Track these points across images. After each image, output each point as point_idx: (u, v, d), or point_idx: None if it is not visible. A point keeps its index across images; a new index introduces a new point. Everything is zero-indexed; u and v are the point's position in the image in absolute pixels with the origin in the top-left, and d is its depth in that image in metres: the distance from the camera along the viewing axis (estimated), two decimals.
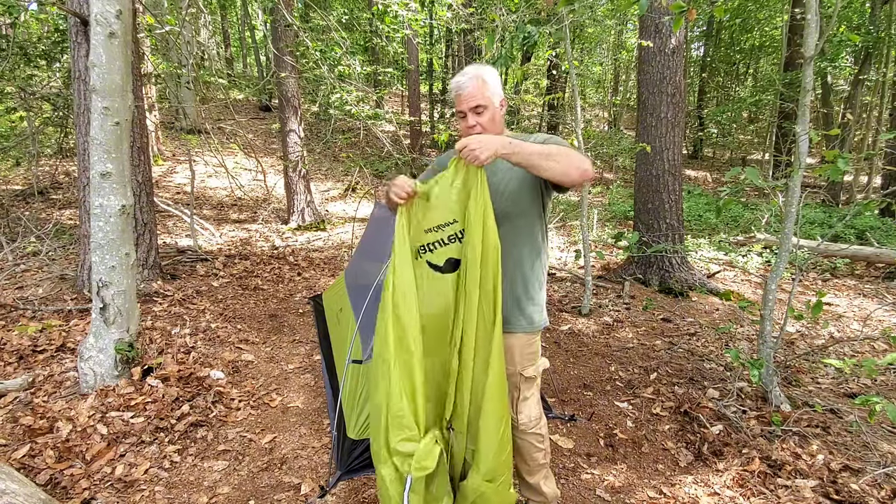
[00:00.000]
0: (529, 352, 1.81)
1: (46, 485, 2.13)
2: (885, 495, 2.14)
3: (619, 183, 11.98)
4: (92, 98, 2.57)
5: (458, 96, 1.75)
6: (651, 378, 3.26)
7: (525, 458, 1.89)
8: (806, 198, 9.02)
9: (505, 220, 1.71)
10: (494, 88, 1.74)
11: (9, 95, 5.81)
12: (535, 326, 1.81)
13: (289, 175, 7.10)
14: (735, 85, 18.09)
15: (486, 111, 1.73)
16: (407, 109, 12.31)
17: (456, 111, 1.79)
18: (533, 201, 1.76)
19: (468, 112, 1.73)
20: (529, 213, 1.77)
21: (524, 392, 1.82)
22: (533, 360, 1.83)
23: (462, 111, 1.74)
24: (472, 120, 1.73)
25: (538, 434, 1.87)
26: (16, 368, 2.97)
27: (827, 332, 4.23)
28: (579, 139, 4.31)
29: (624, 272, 5.48)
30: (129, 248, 2.79)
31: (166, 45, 6.43)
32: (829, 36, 3.07)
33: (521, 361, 1.80)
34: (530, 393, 1.84)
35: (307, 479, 2.28)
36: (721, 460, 2.42)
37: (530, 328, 1.80)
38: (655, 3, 4.66)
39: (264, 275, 5.06)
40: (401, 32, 6.63)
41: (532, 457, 1.88)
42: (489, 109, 1.73)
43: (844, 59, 11.05)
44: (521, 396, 1.82)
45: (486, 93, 1.72)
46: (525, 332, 1.79)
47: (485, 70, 1.75)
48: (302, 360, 3.42)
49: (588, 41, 14.09)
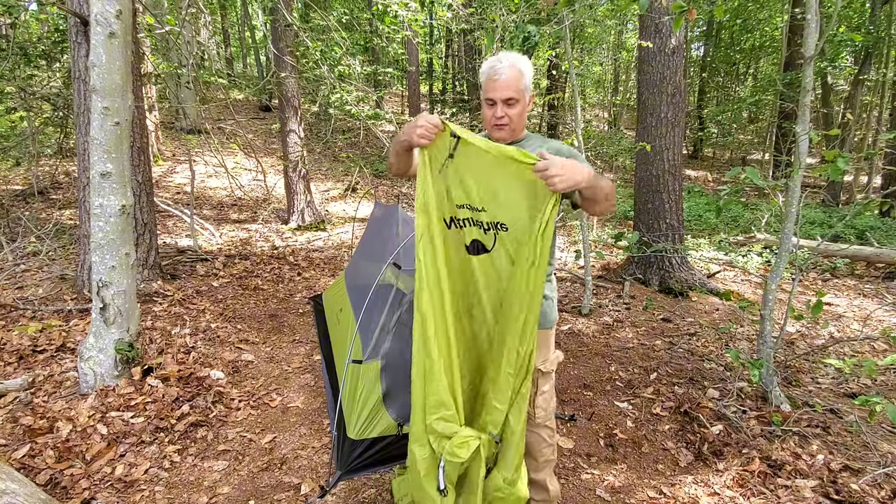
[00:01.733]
0: (546, 347, 1.85)
1: (46, 485, 2.13)
2: (885, 495, 2.13)
3: (619, 183, 11.97)
4: (92, 98, 2.57)
5: (491, 82, 1.64)
6: (651, 378, 3.26)
7: (534, 454, 1.91)
8: (806, 198, 9.02)
9: None
10: (528, 82, 1.65)
11: (9, 95, 5.80)
12: (549, 322, 1.84)
13: (289, 175, 7.10)
14: (735, 85, 18.10)
15: (518, 105, 1.65)
16: (407, 109, 12.31)
17: (485, 98, 1.68)
18: None
19: (499, 102, 1.64)
20: None
21: (541, 386, 1.86)
22: (548, 354, 1.87)
23: (492, 99, 1.65)
24: (501, 111, 1.65)
25: (549, 428, 1.91)
26: (16, 368, 2.97)
27: (827, 332, 4.23)
28: (579, 139, 4.31)
29: (624, 272, 5.47)
30: (129, 248, 2.79)
31: (166, 45, 6.42)
32: (829, 36, 3.07)
33: (538, 356, 1.83)
34: (547, 387, 1.88)
35: (307, 479, 2.28)
36: (721, 460, 2.42)
37: (546, 325, 1.83)
38: (655, 3, 4.66)
39: (264, 275, 5.06)
40: (401, 33, 6.63)
41: (541, 452, 1.91)
42: (521, 103, 1.66)
43: (844, 59, 11.04)
44: (539, 391, 1.86)
45: (521, 85, 1.64)
46: (541, 328, 1.82)
47: (522, 60, 1.65)
48: (302, 360, 3.41)
49: (588, 41, 14.09)
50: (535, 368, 1.83)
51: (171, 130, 10.80)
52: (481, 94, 1.70)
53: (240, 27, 18.23)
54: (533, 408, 1.85)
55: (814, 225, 8.09)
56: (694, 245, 6.85)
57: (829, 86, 11.51)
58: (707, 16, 12.19)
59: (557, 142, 1.78)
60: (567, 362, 3.52)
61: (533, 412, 1.85)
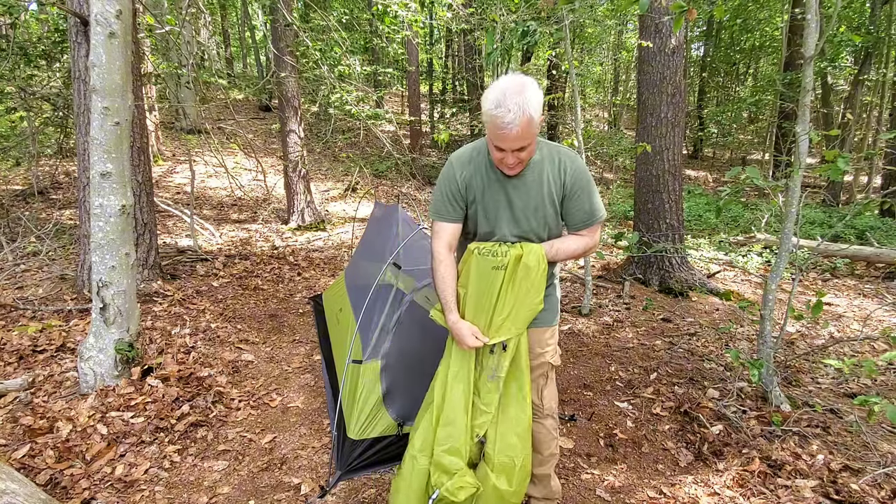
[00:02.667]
0: (554, 341, 1.92)
1: (46, 485, 2.13)
2: (885, 495, 2.13)
3: (619, 183, 11.98)
4: (92, 98, 2.57)
5: (499, 134, 1.53)
6: (651, 378, 3.26)
7: (540, 448, 1.94)
8: (806, 198, 9.03)
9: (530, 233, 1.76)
10: (537, 118, 1.54)
11: (9, 95, 5.80)
12: (557, 318, 1.94)
13: (289, 175, 7.09)
14: (735, 85, 18.09)
15: (529, 146, 1.59)
16: (407, 109, 12.31)
17: (492, 141, 1.59)
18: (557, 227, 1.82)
19: (509, 151, 1.57)
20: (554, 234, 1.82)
21: (550, 379, 1.95)
22: (556, 348, 1.95)
23: (501, 147, 1.58)
24: (512, 159, 1.59)
25: (554, 419, 1.97)
26: (16, 368, 2.97)
27: (827, 332, 4.23)
28: (579, 139, 4.31)
29: (624, 272, 5.47)
30: (129, 248, 2.79)
31: (166, 45, 6.42)
32: (829, 36, 3.07)
33: (549, 351, 1.90)
34: (553, 378, 1.97)
35: (307, 479, 2.28)
36: (721, 460, 2.42)
37: (553, 322, 1.91)
38: (655, 3, 4.66)
39: (264, 275, 5.06)
40: (401, 33, 6.63)
41: (547, 444, 1.94)
42: (532, 143, 1.59)
43: (844, 59, 11.04)
44: (548, 383, 1.94)
45: (532, 130, 1.54)
46: (549, 325, 1.89)
47: (529, 99, 1.50)
48: (302, 360, 3.41)
49: (588, 41, 14.07)
50: (546, 362, 1.90)
51: (171, 130, 10.79)
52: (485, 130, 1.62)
53: (240, 27, 18.23)
54: (541, 400, 1.92)
55: (814, 225, 8.09)
56: (694, 245, 6.85)
57: (829, 86, 11.51)
58: (707, 16, 12.19)
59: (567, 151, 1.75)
60: (567, 362, 3.52)
61: (541, 403, 1.92)
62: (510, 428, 1.78)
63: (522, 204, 1.72)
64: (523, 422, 1.78)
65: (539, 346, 1.86)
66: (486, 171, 1.73)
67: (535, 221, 1.73)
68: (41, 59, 5.51)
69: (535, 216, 1.73)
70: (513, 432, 1.77)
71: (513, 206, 1.72)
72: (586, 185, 1.72)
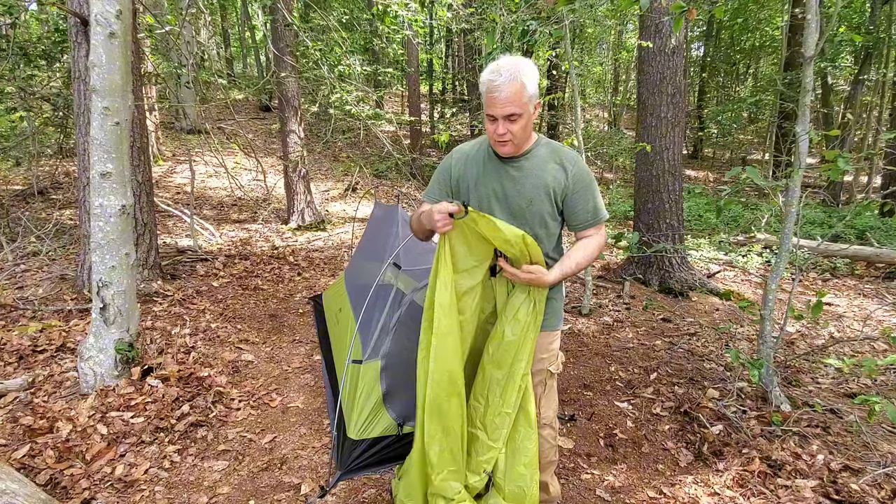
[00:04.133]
0: (555, 348, 1.88)
1: (46, 485, 2.13)
2: (885, 495, 2.13)
3: (619, 183, 11.98)
4: (92, 98, 2.57)
5: (490, 98, 1.53)
6: (651, 378, 3.26)
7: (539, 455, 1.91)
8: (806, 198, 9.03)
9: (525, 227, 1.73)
10: (532, 91, 1.55)
11: (9, 95, 5.80)
12: (559, 324, 1.89)
13: (289, 175, 7.09)
14: (735, 85, 18.10)
15: (521, 119, 1.56)
16: (407, 109, 12.30)
17: (485, 112, 1.59)
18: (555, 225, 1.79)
19: (500, 118, 1.55)
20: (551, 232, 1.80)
21: (549, 387, 1.90)
22: (559, 355, 1.91)
23: (492, 115, 1.56)
24: (502, 128, 1.56)
25: (553, 429, 1.94)
26: (16, 368, 2.97)
27: (827, 332, 4.23)
28: (579, 139, 4.31)
29: (624, 272, 5.48)
30: (129, 248, 2.79)
31: (166, 45, 6.42)
32: (829, 36, 3.07)
33: (550, 358, 1.86)
34: (552, 387, 1.93)
35: (307, 479, 2.28)
36: (721, 460, 2.41)
37: (557, 326, 1.88)
38: (655, 3, 4.66)
39: (264, 275, 5.06)
40: (401, 33, 6.63)
41: (545, 454, 1.92)
42: (524, 117, 1.56)
43: (844, 59, 11.05)
44: (546, 391, 1.89)
45: (524, 98, 1.53)
46: (552, 329, 1.85)
47: (523, 69, 1.52)
48: (302, 360, 3.41)
49: (588, 41, 14.09)
50: (545, 369, 1.86)
51: (171, 130, 10.79)
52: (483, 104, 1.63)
53: (240, 27, 18.23)
54: (540, 408, 1.88)
55: (814, 225, 8.09)
56: (694, 245, 6.85)
57: (829, 86, 11.51)
58: (707, 16, 12.19)
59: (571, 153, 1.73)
60: (567, 362, 3.52)
61: (541, 413, 1.88)
62: (518, 459, 1.79)
63: (516, 193, 1.69)
64: (530, 451, 1.78)
65: (539, 351, 1.83)
66: (484, 161, 1.74)
67: (530, 215, 1.70)
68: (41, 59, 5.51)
69: (528, 209, 1.69)
70: (521, 462, 1.78)
71: (507, 196, 1.70)
72: (590, 184, 1.71)
